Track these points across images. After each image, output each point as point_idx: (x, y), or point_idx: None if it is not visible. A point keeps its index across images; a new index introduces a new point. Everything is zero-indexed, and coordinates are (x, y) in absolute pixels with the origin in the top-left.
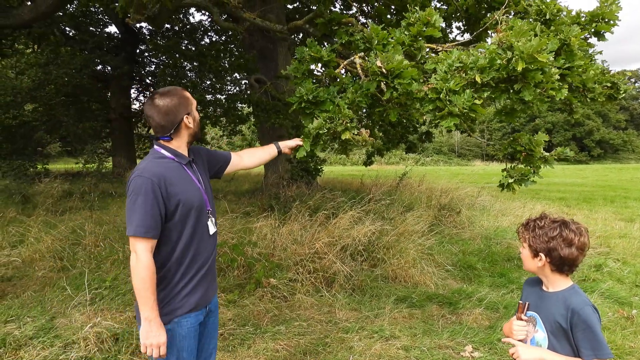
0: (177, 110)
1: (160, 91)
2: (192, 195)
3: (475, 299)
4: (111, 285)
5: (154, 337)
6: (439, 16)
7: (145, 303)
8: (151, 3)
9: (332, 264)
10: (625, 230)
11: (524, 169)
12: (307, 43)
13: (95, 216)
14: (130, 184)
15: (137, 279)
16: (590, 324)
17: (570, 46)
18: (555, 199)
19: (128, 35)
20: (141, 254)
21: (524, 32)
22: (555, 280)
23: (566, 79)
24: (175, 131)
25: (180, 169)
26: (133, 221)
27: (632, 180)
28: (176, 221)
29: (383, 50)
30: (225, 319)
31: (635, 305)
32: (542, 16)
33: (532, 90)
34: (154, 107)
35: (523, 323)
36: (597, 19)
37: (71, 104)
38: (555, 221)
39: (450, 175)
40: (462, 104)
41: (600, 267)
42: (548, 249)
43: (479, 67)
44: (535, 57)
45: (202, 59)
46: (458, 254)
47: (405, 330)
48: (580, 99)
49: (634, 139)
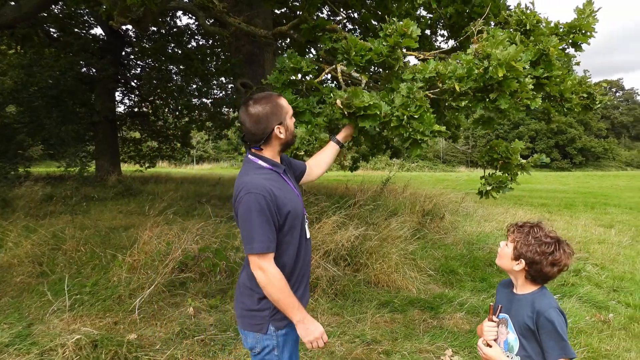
0: (269, 119)
1: (255, 97)
2: (296, 204)
3: (457, 304)
4: (91, 291)
5: (313, 332)
6: (416, 27)
7: (292, 308)
8: (136, 6)
9: (315, 269)
10: (604, 235)
11: (502, 176)
12: (287, 54)
13: (76, 220)
14: (242, 202)
15: (275, 290)
16: (555, 325)
17: (549, 56)
18: (537, 205)
19: (114, 37)
20: (268, 267)
21: (500, 41)
22: (526, 284)
23: (544, 88)
24: (266, 141)
25: (279, 179)
26: (254, 239)
27: (612, 187)
28: (286, 231)
29: (360, 62)
30: (206, 324)
31: (612, 309)
32: (522, 26)
33: (507, 99)
34: (247, 114)
35: (493, 324)
36: (575, 30)
37: (54, 106)
38: (551, 237)
39: (435, 181)
40: (424, 130)
41: (579, 271)
42: (533, 260)
43: (458, 76)
44: (513, 64)
45: (189, 62)
46: (441, 258)
47: (386, 335)
48: (557, 108)
49: (614, 147)
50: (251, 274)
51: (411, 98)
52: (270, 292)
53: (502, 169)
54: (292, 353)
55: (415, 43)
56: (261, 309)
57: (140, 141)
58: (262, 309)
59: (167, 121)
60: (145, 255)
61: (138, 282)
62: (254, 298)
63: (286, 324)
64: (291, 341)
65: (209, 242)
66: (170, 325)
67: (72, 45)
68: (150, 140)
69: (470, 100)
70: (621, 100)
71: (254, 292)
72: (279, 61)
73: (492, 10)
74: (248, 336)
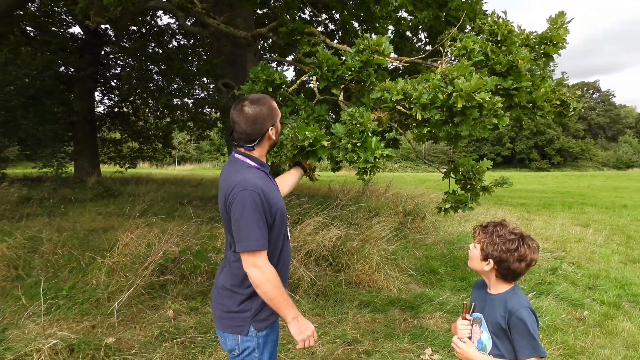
0: (265, 120)
1: (251, 98)
2: (282, 204)
3: (437, 303)
4: (68, 294)
5: (305, 330)
6: (388, 44)
7: (286, 305)
8: (113, 5)
9: (297, 270)
10: (581, 235)
11: (463, 196)
12: (260, 65)
13: (54, 223)
14: (237, 198)
15: (271, 288)
16: (527, 325)
17: (518, 68)
18: (517, 204)
19: (92, 36)
20: (264, 265)
21: (465, 67)
22: (498, 284)
23: (514, 98)
24: (259, 141)
25: (267, 179)
26: (251, 236)
27: (589, 187)
28: (274, 230)
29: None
30: (186, 327)
31: (587, 306)
32: (494, 36)
33: (469, 126)
34: (243, 114)
35: (467, 322)
36: (546, 42)
37: (31, 106)
38: (514, 233)
39: (417, 182)
40: (369, 157)
41: (555, 270)
42: (500, 259)
43: (422, 103)
44: (473, 96)
45: (169, 62)
46: (422, 258)
47: (367, 335)
48: (530, 116)
49: (591, 148)
50: (232, 275)
51: (354, 124)
52: (266, 289)
53: (464, 189)
54: (272, 354)
55: (387, 61)
56: (242, 310)
57: (121, 142)
58: (244, 310)
59: (148, 121)
60: (125, 258)
61: (117, 285)
62: (235, 299)
63: (267, 325)
64: (271, 342)
65: (190, 244)
66: (150, 328)
67: (50, 44)
68: (131, 140)
69: (433, 126)
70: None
71: (235, 293)
72: (252, 71)
73: (468, 15)
74: (227, 338)
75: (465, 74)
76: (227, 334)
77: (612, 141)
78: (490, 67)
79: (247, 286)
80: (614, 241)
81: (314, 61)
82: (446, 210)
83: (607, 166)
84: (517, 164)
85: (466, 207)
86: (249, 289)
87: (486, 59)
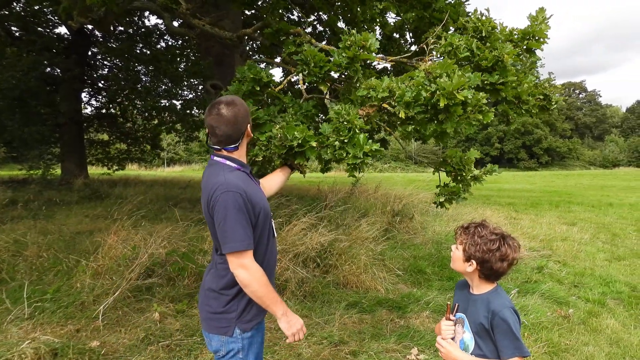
0: (244, 119)
1: (224, 100)
2: (265, 202)
3: (423, 303)
4: (53, 298)
5: (295, 324)
6: (375, 40)
7: (275, 302)
8: (96, 6)
9: (284, 271)
10: (567, 233)
11: (455, 187)
12: (247, 64)
13: (39, 225)
14: (219, 200)
15: (260, 286)
16: (510, 325)
17: (504, 62)
18: (505, 204)
19: (79, 37)
20: (251, 264)
21: (447, 65)
22: (481, 284)
23: (500, 93)
24: (241, 140)
25: (248, 179)
26: (235, 237)
27: (576, 186)
28: (259, 229)
29: (319, 74)
30: (172, 330)
31: (572, 304)
32: (479, 33)
33: (454, 123)
34: (222, 117)
35: (450, 323)
36: (529, 37)
37: (17, 107)
38: (495, 233)
39: (406, 182)
40: (357, 152)
41: (541, 268)
42: (482, 259)
43: (405, 101)
44: (455, 94)
45: (157, 63)
46: (409, 258)
47: (354, 336)
48: (516, 110)
49: (578, 147)
50: (219, 276)
51: (341, 122)
52: (255, 288)
53: (455, 181)
54: (257, 356)
55: (374, 56)
56: (228, 311)
57: (109, 143)
58: (229, 311)
59: (136, 123)
60: (110, 260)
61: (102, 288)
62: (221, 301)
63: (252, 327)
64: (257, 344)
65: (177, 246)
66: (135, 332)
67: (35, 44)
68: (119, 142)
69: (417, 123)
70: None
71: (221, 295)
72: (239, 71)
73: (452, 16)
74: (213, 339)
75: (448, 71)
76: (213, 334)
77: (599, 140)
78: (476, 62)
79: (233, 287)
80: (600, 239)
81: (300, 58)
82: (442, 204)
83: (593, 165)
84: (506, 164)
85: (459, 197)
86: (234, 290)
87: (472, 55)
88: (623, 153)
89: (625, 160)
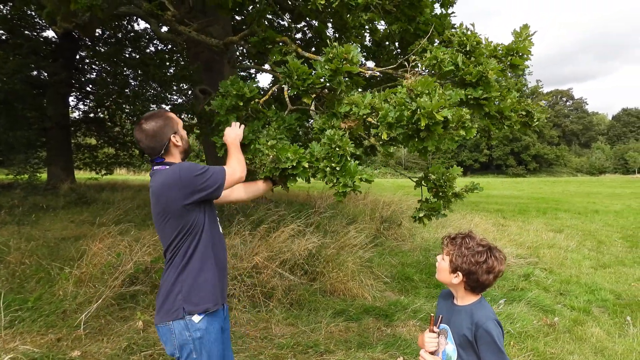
0: (164, 131)
1: (146, 115)
2: None
3: (410, 311)
4: (34, 306)
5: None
6: (357, 52)
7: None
8: (81, 11)
9: (271, 279)
10: (554, 240)
11: (435, 204)
12: (230, 79)
13: (23, 231)
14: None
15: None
16: (494, 337)
17: (488, 78)
18: (493, 210)
19: (66, 40)
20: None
21: (428, 83)
22: (466, 296)
23: (484, 108)
24: (166, 151)
25: None
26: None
27: (563, 192)
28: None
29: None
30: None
31: (557, 312)
32: (464, 47)
33: (434, 141)
34: (142, 131)
35: (434, 335)
36: (512, 53)
37: (2, 111)
38: (482, 245)
39: (396, 188)
40: (346, 181)
41: (528, 276)
42: (469, 271)
43: (388, 122)
44: (434, 115)
45: (145, 67)
46: (397, 265)
47: (340, 344)
48: (498, 125)
49: (565, 154)
50: (168, 273)
51: (333, 148)
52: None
53: (437, 197)
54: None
55: (357, 68)
56: (173, 290)
57: (96, 148)
58: (174, 290)
59: (124, 127)
60: (94, 268)
61: (85, 296)
62: (168, 282)
63: (201, 311)
64: (208, 344)
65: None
66: (118, 341)
67: (22, 48)
68: (107, 146)
69: (399, 142)
70: (571, 109)
71: (166, 280)
72: (222, 85)
73: (437, 29)
74: (165, 335)
75: (429, 89)
76: (163, 326)
77: (586, 147)
78: (461, 77)
79: (177, 272)
80: (586, 246)
81: (284, 71)
82: (420, 219)
83: (580, 172)
84: (495, 170)
85: (439, 214)
86: (178, 270)
87: (456, 69)
88: (609, 160)
89: (611, 168)
